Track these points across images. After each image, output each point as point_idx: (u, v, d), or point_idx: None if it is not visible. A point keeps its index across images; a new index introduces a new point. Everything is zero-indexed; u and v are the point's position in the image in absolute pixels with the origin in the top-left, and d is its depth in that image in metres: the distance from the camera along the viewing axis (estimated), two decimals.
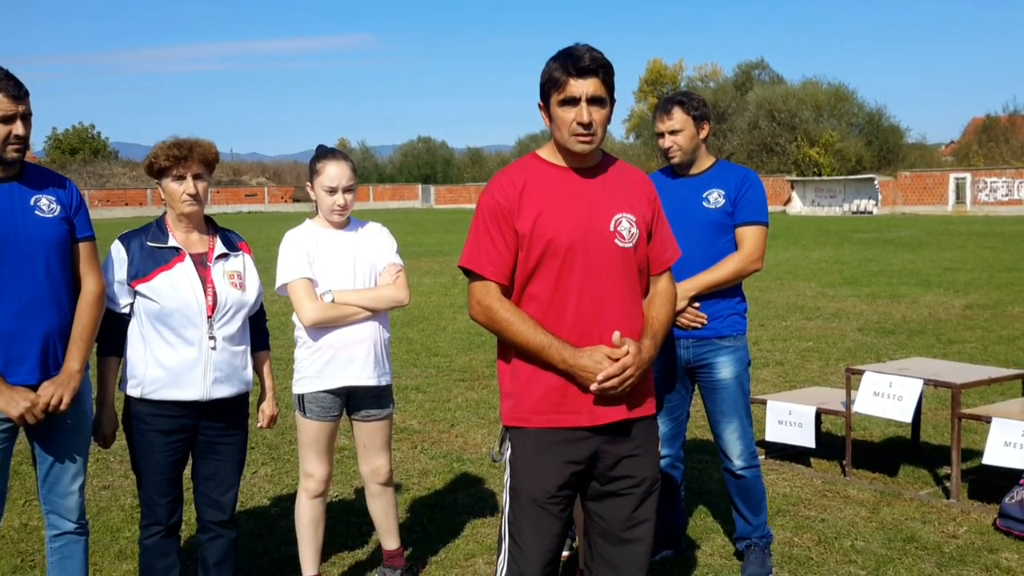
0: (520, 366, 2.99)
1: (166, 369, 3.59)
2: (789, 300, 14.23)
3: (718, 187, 4.44)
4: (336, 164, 4.07)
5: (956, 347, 10.17)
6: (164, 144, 3.62)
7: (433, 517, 5.30)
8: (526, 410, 2.98)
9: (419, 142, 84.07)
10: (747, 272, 4.43)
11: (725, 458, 4.53)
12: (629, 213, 3.02)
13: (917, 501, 5.44)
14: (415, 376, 9.19)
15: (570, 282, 2.94)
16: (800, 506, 5.41)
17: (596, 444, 2.99)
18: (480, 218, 3.00)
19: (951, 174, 47.13)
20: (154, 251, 3.63)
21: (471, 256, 3.00)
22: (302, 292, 4.00)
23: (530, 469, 2.98)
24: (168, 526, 3.74)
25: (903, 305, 13.54)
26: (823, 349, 10.23)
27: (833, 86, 58.33)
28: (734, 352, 4.45)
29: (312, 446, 4.13)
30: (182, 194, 3.62)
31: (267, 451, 6.61)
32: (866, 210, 47.12)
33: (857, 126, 57.17)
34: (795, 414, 6.00)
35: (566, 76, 2.90)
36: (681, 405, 4.64)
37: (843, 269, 18.84)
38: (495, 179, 3.04)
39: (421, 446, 6.74)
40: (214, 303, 3.62)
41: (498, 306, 2.95)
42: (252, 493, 5.76)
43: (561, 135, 2.96)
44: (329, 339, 4.03)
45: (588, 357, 2.89)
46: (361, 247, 4.15)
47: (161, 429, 3.64)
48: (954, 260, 20.20)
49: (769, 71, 67.02)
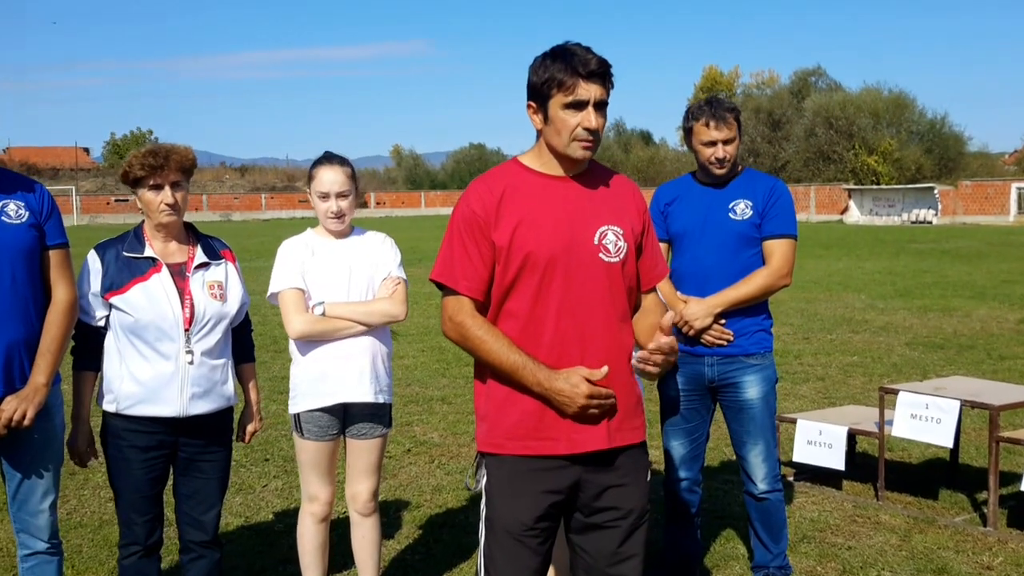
0: (495, 387, 2.79)
1: (141, 384, 3.45)
2: (837, 312, 13.82)
3: (745, 197, 4.22)
4: (330, 169, 3.90)
5: (1007, 363, 9.73)
6: (139, 152, 3.46)
7: (440, 537, 5.11)
8: (501, 435, 2.78)
9: (471, 148, 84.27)
10: (776, 288, 4.21)
11: (748, 481, 4.31)
12: (615, 225, 2.81)
13: (952, 528, 5.13)
14: (443, 387, 9.02)
15: (549, 299, 2.74)
16: (827, 532, 5.13)
17: (577, 472, 2.78)
18: (454, 228, 2.80)
19: (1013, 183, 45.84)
20: (130, 261, 3.48)
21: (444, 269, 2.80)
22: (290, 303, 3.82)
23: (506, 499, 2.77)
24: (147, 546, 3.59)
25: (955, 319, 13.06)
26: (867, 364, 9.86)
27: (893, 93, 57.22)
28: (761, 371, 4.23)
29: (314, 468, 3.93)
30: (159, 204, 3.46)
31: (281, 463, 6.47)
32: (925, 220, 46.04)
33: (917, 134, 55.99)
34: (825, 434, 5.71)
35: (575, 78, 2.69)
36: (701, 426, 4.41)
37: (896, 280, 18.30)
38: (472, 186, 2.84)
39: (439, 460, 6.56)
40: (191, 315, 3.46)
41: (471, 323, 2.76)
42: (259, 507, 5.63)
43: (560, 140, 2.75)
44: (322, 354, 3.83)
45: (564, 380, 2.68)
46: (359, 258, 3.94)
47: (138, 445, 3.50)
48: (1012, 272, 19.52)
49: (826, 78, 66.02)
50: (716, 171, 4.20)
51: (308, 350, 3.86)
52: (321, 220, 3.94)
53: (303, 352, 3.87)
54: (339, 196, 3.87)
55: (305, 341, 3.84)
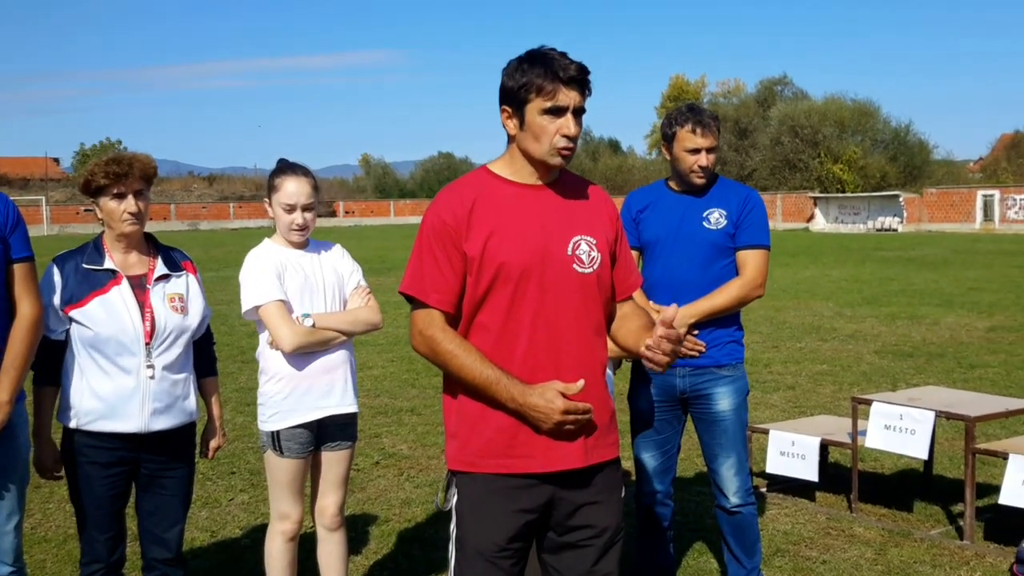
0: (467, 404, 2.71)
1: (101, 399, 3.35)
2: (805, 320, 13.85)
3: (719, 206, 4.15)
4: (295, 180, 3.79)
5: (977, 372, 9.77)
6: (100, 161, 3.37)
7: (409, 552, 5.01)
8: (473, 453, 2.70)
9: (440, 157, 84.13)
10: (749, 299, 4.16)
11: (720, 494, 4.24)
12: (589, 235, 2.73)
13: (928, 542, 5.09)
14: (412, 397, 8.91)
15: (523, 311, 2.65)
16: (801, 545, 5.08)
17: (551, 490, 2.70)
18: (424, 239, 2.71)
19: (979, 191, 46.36)
20: (89, 274, 3.38)
21: (413, 281, 2.71)
22: (278, 316, 3.67)
23: (478, 519, 2.69)
24: (109, 564, 3.50)
25: (923, 327, 13.13)
26: (837, 373, 9.87)
27: (857, 102, 57.78)
28: (733, 382, 4.17)
29: (288, 486, 3.80)
30: (122, 213, 3.37)
31: (247, 476, 6.34)
32: (891, 227, 46.48)
33: (882, 142, 56.55)
34: (798, 445, 5.67)
35: (555, 83, 2.61)
36: (672, 438, 4.34)
37: (863, 288, 18.41)
38: (441, 195, 2.75)
39: (407, 473, 6.45)
40: (152, 329, 3.37)
41: (441, 336, 2.67)
42: (225, 521, 5.49)
43: (539, 147, 2.67)
44: (307, 368, 3.72)
45: (539, 395, 2.60)
46: (327, 269, 3.87)
47: (99, 461, 3.41)
48: (979, 280, 19.70)
49: (792, 87, 66.52)
50: (696, 180, 4.13)
51: (291, 364, 3.73)
52: (284, 232, 3.82)
53: (285, 367, 3.73)
54: (304, 208, 3.77)
55: (296, 354, 3.71)
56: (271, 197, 3.84)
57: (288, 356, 3.71)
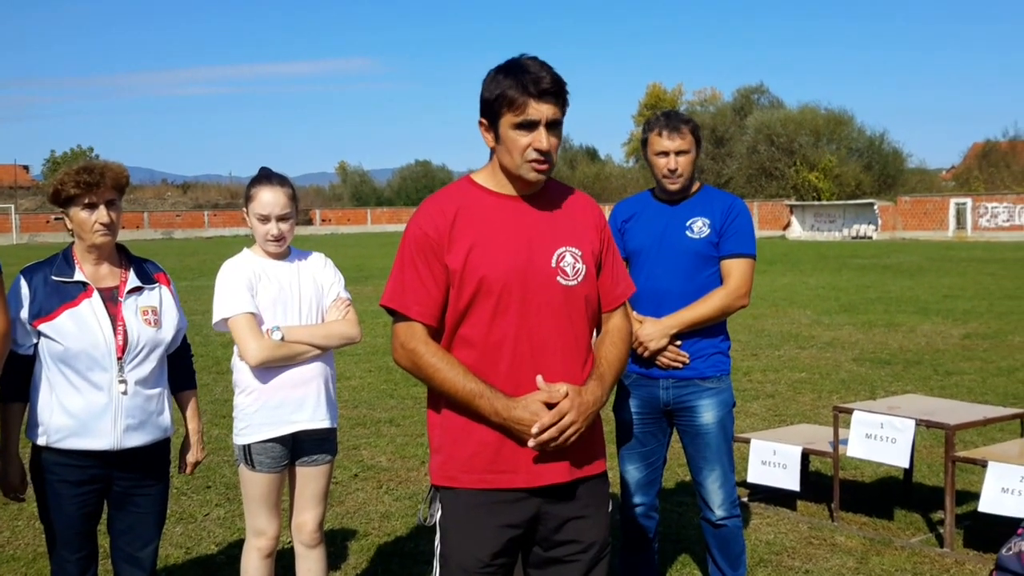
0: (451, 418, 2.66)
1: (72, 416, 3.25)
2: (784, 328, 13.89)
3: (703, 215, 4.11)
4: (271, 190, 3.72)
5: (954, 379, 9.82)
6: (71, 170, 3.27)
7: (389, 567, 4.94)
8: (457, 468, 2.65)
9: (417, 165, 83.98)
10: (733, 308, 4.10)
11: (705, 507, 4.20)
12: (574, 247, 2.69)
13: (909, 550, 5.08)
14: (391, 408, 8.84)
15: (506, 324, 2.61)
16: (784, 555, 5.05)
17: (537, 505, 2.65)
18: (406, 251, 2.66)
19: (952, 199, 46.87)
20: (59, 286, 3.28)
21: (395, 294, 2.66)
22: (246, 328, 3.60)
23: (462, 534, 2.64)
24: None
25: (900, 334, 13.19)
26: (816, 381, 9.88)
27: (831, 111, 58.26)
28: (718, 394, 4.12)
29: (262, 501, 3.73)
30: (94, 223, 3.27)
31: (223, 491, 6.24)
32: (866, 235, 46.84)
33: (857, 151, 57.02)
34: (780, 454, 5.66)
35: (525, 96, 2.56)
36: (657, 450, 4.29)
37: (840, 296, 18.50)
38: (423, 207, 2.71)
39: (387, 486, 6.37)
40: (124, 343, 3.27)
41: (424, 350, 2.62)
42: (200, 537, 5.40)
43: (512, 160, 2.62)
44: (279, 381, 3.64)
45: (523, 408, 2.56)
46: (306, 280, 3.79)
47: (70, 480, 3.31)
48: (954, 287, 19.85)
49: (769, 95, 67.02)
50: (669, 185, 4.10)
51: (262, 377, 3.65)
52: (260, 242, 3.76)
53: (256, 380, 3.66)
54: (280, 219, 3.70)
55: (264, 368, 3.64)
56: (247, 207, 3.78)
57: (254, 370, 3.65)
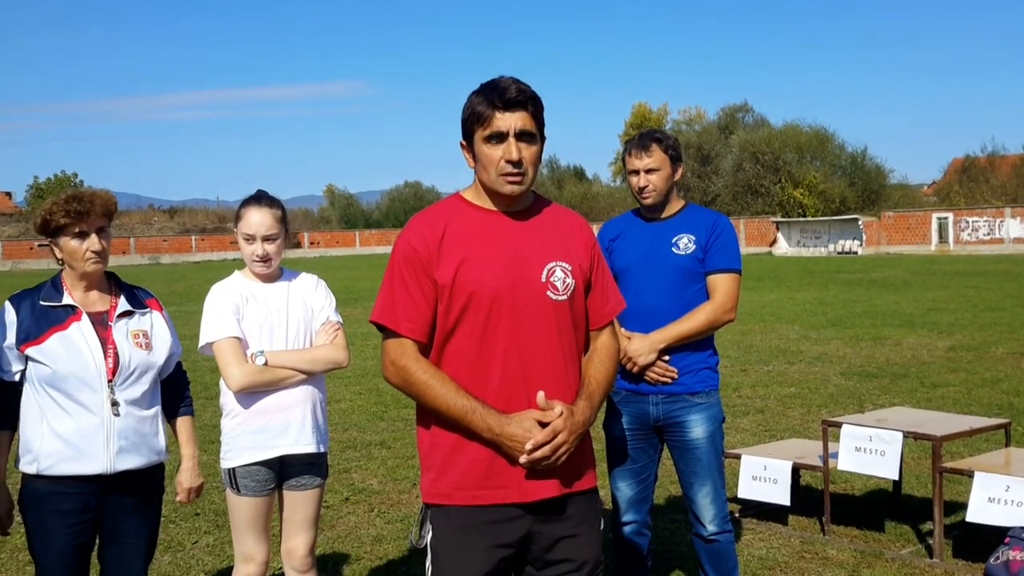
0: (441, 435, 2.67)
1: (63, 439, 3.22)
2: (772, 343, 13.94)
3: (688, 232, 4.16)
4: (257, 211, 3.73)
5: (940, 391, 9.88)
6: (59, 199, 3.25)
7: None
8: (448, 485, 2.66)
9: (406, 187, 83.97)
10: (720, 323, 4.13)
11: (697, 523, 4.20)
12: (564, 262, 2.72)
13: (899, 561, 5.10)
14: (381, 431, 8.82)
15: (496, 339, 2.63)
16: (776, 570, 5.07)
17: (528, 524, 2.66)
18: (395, 267, 2.68)
19: (934, 214, 47.25)
20: (47, 311, 3.27)
21: (384, 310, 2.68)
22: (229, 353, 3.60)
23: (453, 554, 2.64)
24: None
25: (886, 347, 13.26)
26: (805, 395, 9.92)
27: (814, 128, 58.65)
28: (707, 409, 4.13)
29: (250, 526, 3.70)
30: (86, 252, 3.27)
31: (212, 518, 6.21)
32: (851, 250, 47.10)
33: (840, 167, 57.36)
34: (770, 469, 5.68)
35: (491, 109, 2.59)
36: (649, 466, 4.30)
37: (827, 310, 18.58)
38: (412, 222, 2.73)
39: (378, 509, 6.36)
40: (115, 365, 3.26)
41: (415, 367, 2.64)
42: (189, 566, 5.37)
43: (488, 176, 2.65)
44: (262, 405, 3.63)
45: (517, 424, 2.57)
46: (295, 302, 3.78)
47: (61, 509, 3.25)
48: (938, 300, 19.97)
49: (753, 113, 67.44)
50: (643, 201, 4.18)
51: (246, 401, 3.65)
52: (247, 263, 3.77)
53: (239, 403, 3.66)
54: (265, 240, 3.71)
55: (247, 393, 3.63)
56: (237, 226, 3.79)
57: (238, 395, 3.64)
